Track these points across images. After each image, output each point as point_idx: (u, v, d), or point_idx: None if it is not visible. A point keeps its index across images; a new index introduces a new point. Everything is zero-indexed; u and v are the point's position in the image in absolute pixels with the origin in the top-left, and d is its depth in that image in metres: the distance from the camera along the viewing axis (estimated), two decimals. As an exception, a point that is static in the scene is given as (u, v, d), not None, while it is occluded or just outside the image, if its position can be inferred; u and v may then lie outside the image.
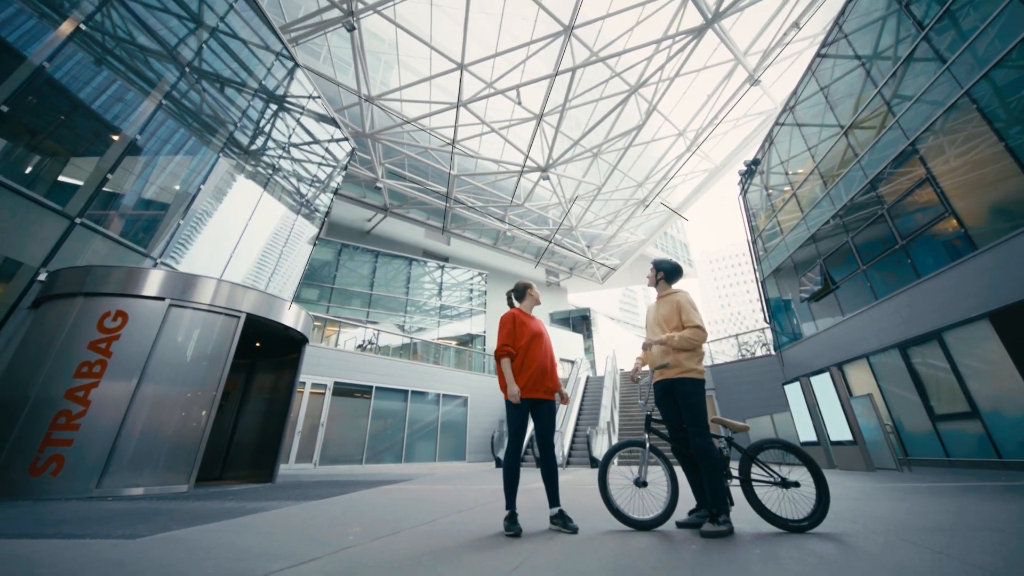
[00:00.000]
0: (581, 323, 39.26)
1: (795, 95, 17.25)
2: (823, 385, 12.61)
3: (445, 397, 22.03)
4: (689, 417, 4.07)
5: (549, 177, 27.07)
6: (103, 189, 8.74)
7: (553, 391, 4.42)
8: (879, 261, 12.76)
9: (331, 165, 18.29)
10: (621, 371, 24.50)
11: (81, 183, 8.49)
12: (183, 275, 8.38)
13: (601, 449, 15.79)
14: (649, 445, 4.29)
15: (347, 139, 18.18)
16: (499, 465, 17.20)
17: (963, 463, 10.31)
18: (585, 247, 36.71)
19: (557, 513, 4.04)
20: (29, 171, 7.93)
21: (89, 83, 8.60)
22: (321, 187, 17.80)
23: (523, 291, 4.83)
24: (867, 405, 11.50)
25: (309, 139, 16.65)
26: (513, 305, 4.84)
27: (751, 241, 22.21)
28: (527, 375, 4.29)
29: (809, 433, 13.20)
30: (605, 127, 24.66)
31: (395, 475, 12.40)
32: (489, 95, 21.79)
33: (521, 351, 4.37)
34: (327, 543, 3.50)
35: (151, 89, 9.77)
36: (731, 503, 3.95)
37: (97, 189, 8.58)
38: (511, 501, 4.00)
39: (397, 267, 28.69)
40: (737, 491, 4.16)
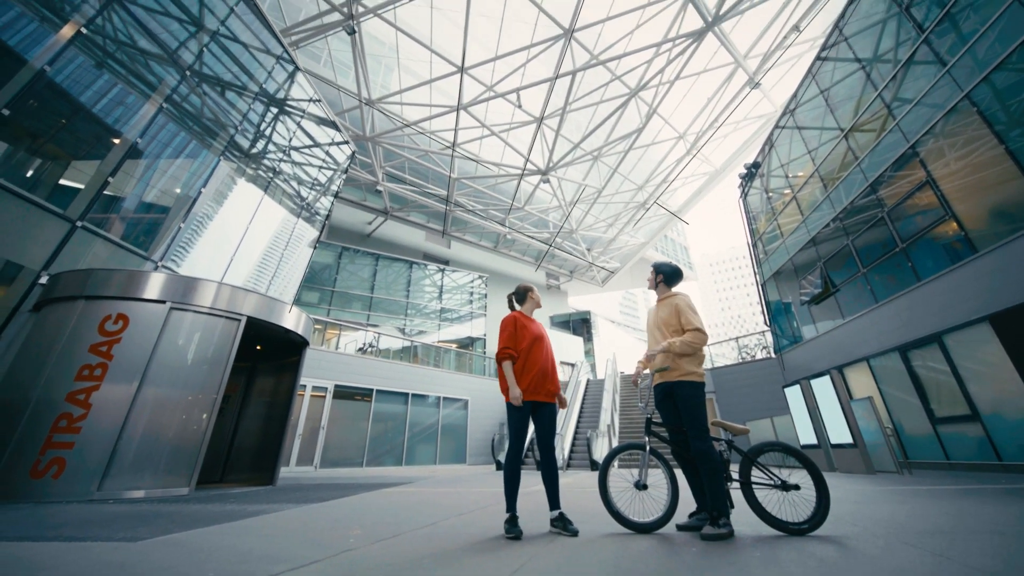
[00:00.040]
0: (581, 326, 39.28)
1: (795, 98, 17.27)
2: (823, 388, 12.61)
3: (445, 400, 22.02)
4: (689, 420, 4.07)
5: (549, 180, 27.11)
6: (104, 192, 8.73)
7: (554, 394, 4.42)
8: (879, 264, 12.77)
9: (332, 168, 18.31)
10: (621, 374, 24.51)
11: (82, 186, 8.50)
12: (184, 278, 8.38)
13: (601, 452, 15.77)
14: (649, 448, 4.29)
15: (347, 142, 18.21)
16: (499, 468, 17.20)
17: (963, 466, 10.31)
18: (585, 250, 36.73)
19: (557, 516, 4.03)
20: (30, 174, 7.94)
21: (90, 87, 8.61)
22: (322, 190, 17.81)
23: (524, 294, 4.84)
24: (867, 408, 11.50)
25: (310, 142, 16.67)
26: (514, 308, 4.85)
27: (751, 244, 22.22)
28: (528, 378, 4.29)
29: (809, 436, 13.19)
30: (605, 130, 24.69)
31: (396, 478, 12.39)
32: (489, 98, 21.82)
33: (522, 354, 4.37)
34: (328, 546, 3.51)
35: (152, 92, 9.78)
36: (731, 506, 3.95)
37: (98, 192, 8.59)
38: (511, 504, 4.00)
39: (397, 270, 28.69)
40: (737, 494, 4.16)
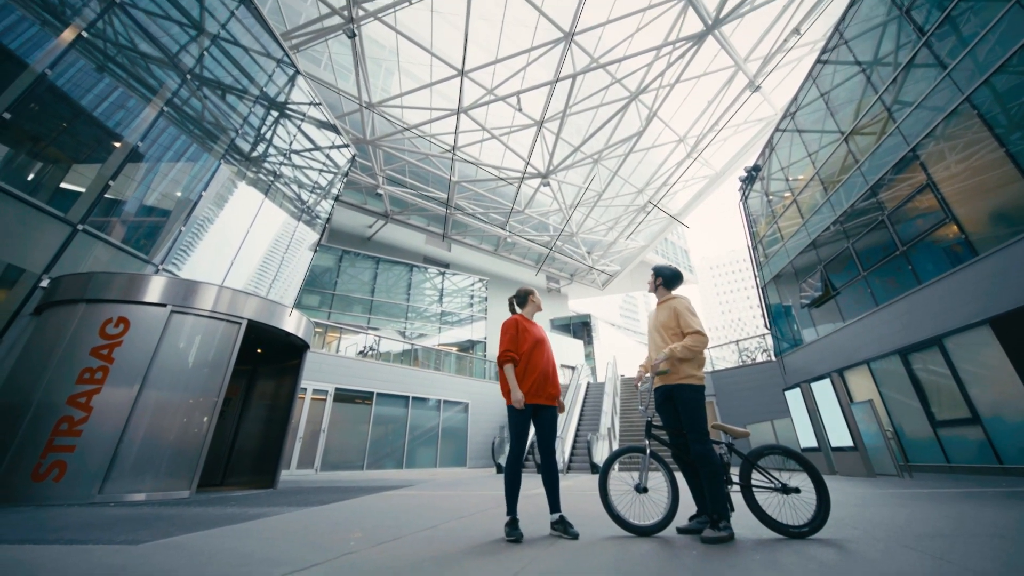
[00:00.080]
0: (582, 329, 39.27)
1: (795, 101, 17.28)
2: (824, 391, 12.61)
3: (446, 403, 22.02)
4: (689, 423, 4.07)
5: (550, 183, 27.11)
6: (105, 196, 8.75)
7: (555, 397, 4.43)
8: (880, 267, 12.77)
9: (332, 172, 18.33)
10: (622, 377, 24.48)
11: (83, 190, 8.52)
12: (185, 281, 8.40)
13: (602, 455, 15.77)
14: (650, 451, 4.29)
15: (348, 145, 18.23)
16: (500, 471, 17.21)
17: (964, 469, 10.30)
18: (586, 253, 36.74)
19: (558, 519, 4.03)
20: (31, 178, 7.96)
21: (91, 90, 8.63)
22: (322, 193, 17.83)
23: (525, 297, 4.84)
24: (868, 411, 11.50)
25: (310, 146, 16.70)
26: (515, 311, 4.85)
27: (751, 247, 22.22)
28: (530, 381, 4.29)
29: (810, 439, 13.18)
30: (605, 133, 24.71)
31: (396, 481, 12.38)
32: (489, 101, 21.85)
33: (524, 357, 4.38)
34: (329, 549, 3.51)
35: (153, 96, 9.81)
36: (732, 509, 3.95)
37: (99, 196, 8.60)
38: (512, 507, 4.00)
39: (398, 273, 28.72)
40: (737, 497, 4.16)
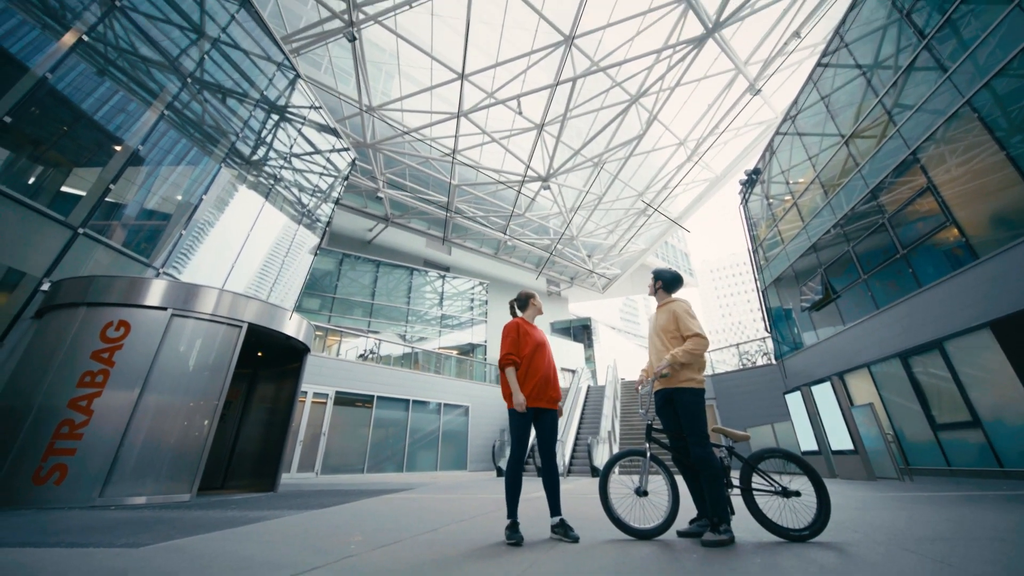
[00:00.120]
0: (582, 332, 39.26)
1: (796, 104, 17.30)
2: (824, 394, 12.60)
3: (446, 406, 22.01)
4: (689, 427, 4.08)
5: (550, 187, 27.12)
6: (105, 199, 8.77)
7: (556, 401, 4.43)
8: (880, 270, 12.78)
9: (332, 175, 18.35)
10: (622, 380, 24.48)
11: (84, 193, 8.53)
12: (185, 285, 8.41)
13: (602, 458, 15.76)
14: (650, 454, 4.30)
15: (348, 149, 18.25)
16: (500, 474, 17.19)
17: (964, 472, 10.29)
18: (586, 256, 36.75)
19: (558, 522, 4.03)
20: (32, 182, 7.98)
21: (92, 94, 8.65)
22: (322, 197, 17.86)
23: (526, 300, 4.84)
24: (868, 414, 11.49)
25: (310, 149, 16.72)
26: (516, 314, 4.86)
27: (752, 250, 22.23)
28: (531, 384, 4.30)
29: (810, 442, 13.17)
30: (606, 137, 24.73)
31: (397, 484, 12.38)
32: (490, 105, 21.89)
33: (525, 360, 4.38)
34: (329, 552, 3.51)
35: (153, 100, 9.83)
36: (732, 512, 3.95)
37: (100, 199, 8.62)
38: (513, 510, 4.00)
39: (398, 277, 28.72)
40: (738, 500, 4.16)
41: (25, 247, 7.60)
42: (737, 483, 4.07)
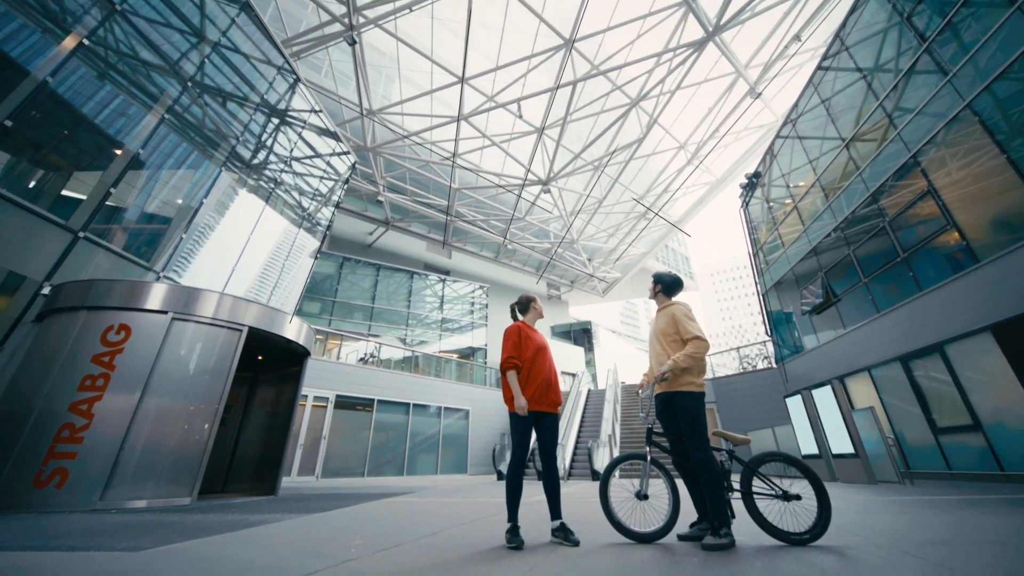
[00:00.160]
0: (582, 336, 39.27)
1: (796, 108, 17.29)
2: (825, 398, 12.59)
3: (446, 410, 22.00)
4: (689, 430, 4.08)
5: (550, 190, 27.13)
6: (106, 203, 8.77)
7: (556, 404, 4.43)
8: (881, 274, 12.76)
9: (333, 179, 18.37)
10: (622, 384, 24.45)
11: (84, 197, 8.54)
12: (186, 289, 8.42)
13: (602, 462, 15.73)
14: (650, 458, 4.30)
15: (348, 152, 18.27)
16: (500, 478, 17.18)
17: (965, 476, 10.27)
18: (586, 260, 36.74)
19: (559, 526, 4.04)
20: (33, 185, 7.98)
21: (92, 97, 8.67)
22: (323, 201, 17.87)
23: (527, 304, 4.85)
24: (869, 418, 11.48)
25: (311, 153, 16.74)
26: (517, 318, 4.86)
27: (752, 254, 22.21)
28: (532, 388, 4.30)
29: (811, 446, 13.16)
30: (606, 140, 24.74)
31: (397, 488, 12.37)
32: (490, 108, 21.91)
33: (526, 364, 4.39)
34: (329, 555, 3.51)
35: (153, 103, 9.84)
36: (732, 516, 3.95)
37: (100, 203, 8.62)
38: (513, 514, 4.00)
39: (399, 280, 28.73)
40: (738, 504, 4.16)
41: (26, 251, 7.60)
42: (738, 487, 4.07)
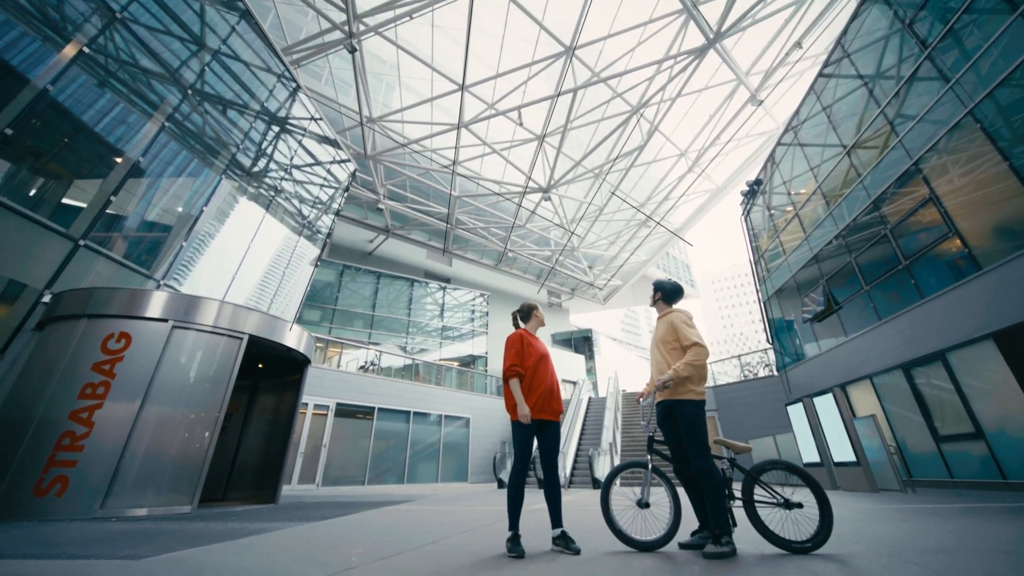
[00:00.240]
0: (583, 344, 39.24)
1: (797, 115, 17.32)
2: (826, 406, 12.55)
3: (447, 418, 21.96)
4: (689, 438, 4.07)
5: (551, 198, 27.15)
6: (106, 211, 8.79)
7: (558, 413, 4.43)
8: (882, 281, 12.76)
9: (333, 186, 18.42)
10: (623, 392, 24.41)
11: (84, 205, 8.56)
12: (186, 297, 8.42)
13: (603, 470, 15.70)
14: (651, 466, 4.29)
15: (349, 160, 18.31)
16: (501, 486, 17.18)
17: (967, 484, 10.24)
18: (587, 268, 36.74)
19: (560, 534, 4.02)
20: (33, 193, 8.00)
21: (92, 105, 8.69)
22: (323, 208, 17.91)
23: (529, 312, 4.85)
24: (870, 426, 11.45)
25: (311, 160, 16.78)
26: (519, 326, 4.86)
27: (753, 261, 22.22)
28: (535, 396, 4.30)
29: (812, 454, 13.12)
30: (607, 148, 24.78)
31: (397, 496, 12.34)
32: (490, 116, 21.97)
33: (529, 372, 4.38)
34: (330, 564, 3.50)
35: (154, 111, 9.87)
36: (734, 524, 3.94)
37: (100, 211, 8.64)
38: (514, 522, 3.99)
39: (399, 288, 28.75)
40: (740, 512, 4.15)
41: (26, 259, 7.61)
42: (739, 495, 4.07)
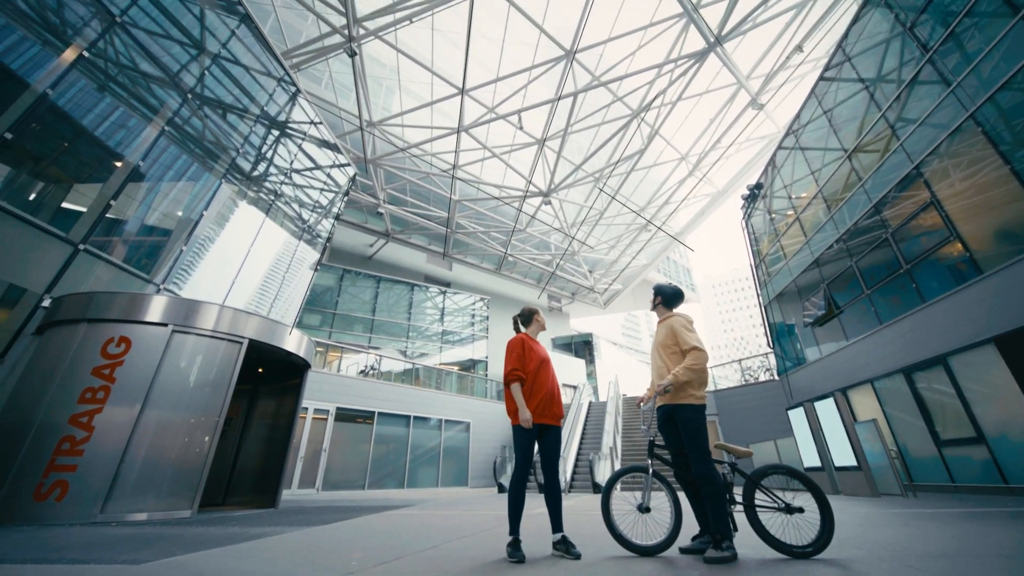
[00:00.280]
0: (583, 348, 39.18)
1: (798, 119, 17.30)
2: (827, 410, 12.53)
3: (447, 423, 21.93)
4: (690, 443, 4.06)
5: (551, 202, 27.13)
6: (106, 215, 8.80)
7: (559, 417, 4.42)
8: (883, 285, 12.74)
9: (333, 191, 18.43)
10: (623, 396, 24.38)
11: (84, 209, 8.57)
12: (186, 301, 8.42)
13: (604, 475, 15.66)
14: (652, 471, 4.28)
15: (349, 164, 18.32)
16: (502, 491, 17.13)
17: (968, 489, 10.21)
18: (587, 272, 36.73)
19: (560, 539, 4.01)
20: (33, 198, 8.01)
21: (92, 110, 8.70)
22: (323, 213, 17.92)
23: (530, 316, 4.85)
24: (871, 430, 11.43)
25: (311, 165, 16.79)
26: (519, 330, 4.86)
27: (754, 266, 22.20)
28: (536, 400, 4.29)
29: (813, 459, 13.10)
30: (607, 152, 24.79)
31: (398, 500, 12.32)
32: (490, 120, 21.97)
33: (530, 376, 4.38)
34: (331, 568, 3.49)
35: (154, 116, 9.88)
36: (735, 529, 3.93)
37: (100, 215, 8.64)
38: (515, 527, 3.98)
39: (399, 292, 28.74)
40: (741, 517, 4.14)
41: (26, 263, 7.61)
42: (740, 499, 4.06)
